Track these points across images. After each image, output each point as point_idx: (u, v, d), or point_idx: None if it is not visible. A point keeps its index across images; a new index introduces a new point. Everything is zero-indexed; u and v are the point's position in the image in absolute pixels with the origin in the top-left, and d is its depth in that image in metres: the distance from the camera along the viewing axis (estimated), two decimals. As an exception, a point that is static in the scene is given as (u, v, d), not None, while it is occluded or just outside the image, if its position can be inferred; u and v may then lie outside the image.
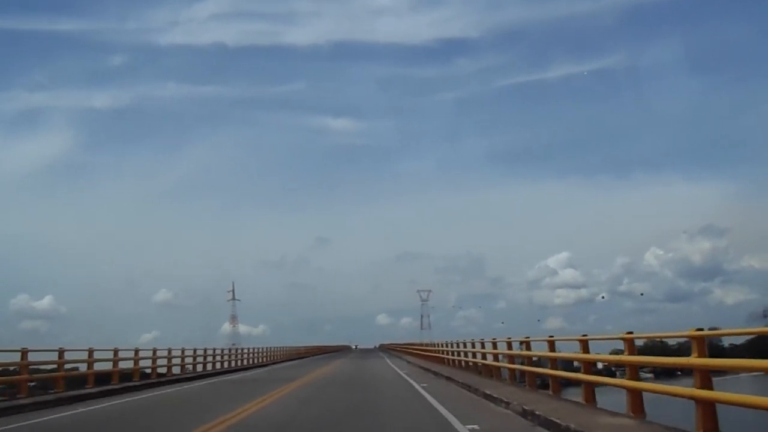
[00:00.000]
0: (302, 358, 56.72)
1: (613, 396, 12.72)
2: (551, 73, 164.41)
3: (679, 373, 35.73)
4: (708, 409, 7.12)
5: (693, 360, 7.31)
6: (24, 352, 15.86)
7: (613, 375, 18.48)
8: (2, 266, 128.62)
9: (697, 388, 7.20)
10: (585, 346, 10.63)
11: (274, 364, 43.05)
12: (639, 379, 8.97)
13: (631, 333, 8.90)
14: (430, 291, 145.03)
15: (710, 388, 7.15)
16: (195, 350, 28.82)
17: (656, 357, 9.65)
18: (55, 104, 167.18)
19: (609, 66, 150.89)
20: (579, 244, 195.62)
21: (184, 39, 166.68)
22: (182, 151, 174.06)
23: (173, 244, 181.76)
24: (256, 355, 43.49)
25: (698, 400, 7.18)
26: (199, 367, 29.12)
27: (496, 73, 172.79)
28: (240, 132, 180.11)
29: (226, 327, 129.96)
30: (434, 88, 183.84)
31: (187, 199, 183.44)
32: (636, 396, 8.76)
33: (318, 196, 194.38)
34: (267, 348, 48.62)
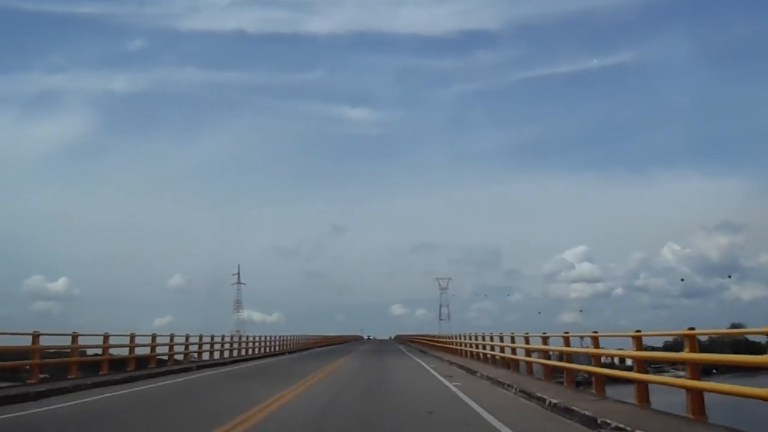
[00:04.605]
0: (283, 353, 39.53)
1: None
2: (567, 66, 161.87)
3: (715, 371, 34.88)
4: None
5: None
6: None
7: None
8: (18, 247, 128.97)
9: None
10: (639, 342, 9.97)
11: (247, 360, 29.29)
12: (699, 378, 8.38)
13: (693, 329, 8.32)
14: (449, 279, 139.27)
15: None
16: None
17: (722, 354, 9.02)
18: (73, 86, 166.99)
19: (625, 60, 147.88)
20: (595, 239, 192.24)
21: (204, 25, 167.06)
22: (200, 136, 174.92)
23: (188, 229, 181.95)
24: (238, 347, 34.57)
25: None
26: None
27: (513, 66, 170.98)
28: (257, 119, 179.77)
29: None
30: (452, 79, 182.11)
31: (204, 185, 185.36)
32: (697, 396, 8.18)
33: (334, 184, 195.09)
34: (260, 338, 39.93)
